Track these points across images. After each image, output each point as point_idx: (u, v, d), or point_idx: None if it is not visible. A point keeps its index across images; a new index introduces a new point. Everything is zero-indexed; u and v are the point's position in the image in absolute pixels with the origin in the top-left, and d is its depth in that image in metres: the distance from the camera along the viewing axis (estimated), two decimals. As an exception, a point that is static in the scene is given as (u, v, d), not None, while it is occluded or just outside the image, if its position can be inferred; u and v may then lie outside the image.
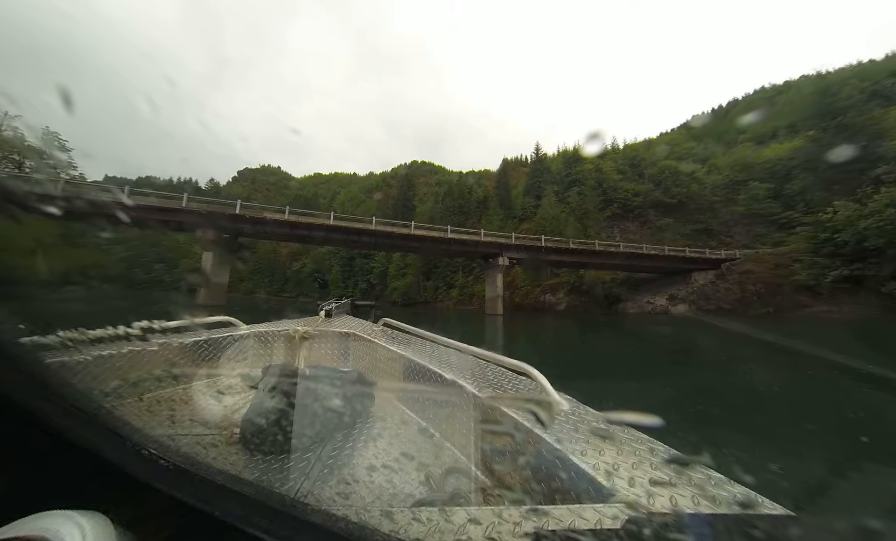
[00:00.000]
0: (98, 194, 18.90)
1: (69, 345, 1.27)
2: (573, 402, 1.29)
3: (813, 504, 2.49)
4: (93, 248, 18.23)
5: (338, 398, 1.56)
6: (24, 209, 0.84)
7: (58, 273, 6.41)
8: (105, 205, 2.11)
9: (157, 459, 0.55)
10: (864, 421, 4.89)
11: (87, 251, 17.95)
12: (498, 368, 1.64)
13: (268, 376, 1.55)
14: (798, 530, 0.55)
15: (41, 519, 0.44)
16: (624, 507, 0.67)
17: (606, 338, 18.45)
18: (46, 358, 1.13)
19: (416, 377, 1.81)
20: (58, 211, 1.08)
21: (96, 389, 1.39)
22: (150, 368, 1.71)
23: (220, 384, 2.00)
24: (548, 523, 0.60)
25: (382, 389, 1.90)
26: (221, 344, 2.18)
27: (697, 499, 0.73)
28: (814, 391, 6.71)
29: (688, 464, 0.85)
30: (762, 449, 3.90)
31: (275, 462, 1.26)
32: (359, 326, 2.68)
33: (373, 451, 1.42)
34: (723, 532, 0.52)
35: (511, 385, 1.47)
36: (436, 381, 1.65)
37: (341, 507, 0.60)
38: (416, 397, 1.80)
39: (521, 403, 1.28)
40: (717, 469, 0.83)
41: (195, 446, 1.35)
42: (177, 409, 1.62)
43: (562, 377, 1.53)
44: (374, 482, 1.22)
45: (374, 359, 2.26)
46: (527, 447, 1.07)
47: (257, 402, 1.42)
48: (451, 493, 1.17)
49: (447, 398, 1.56)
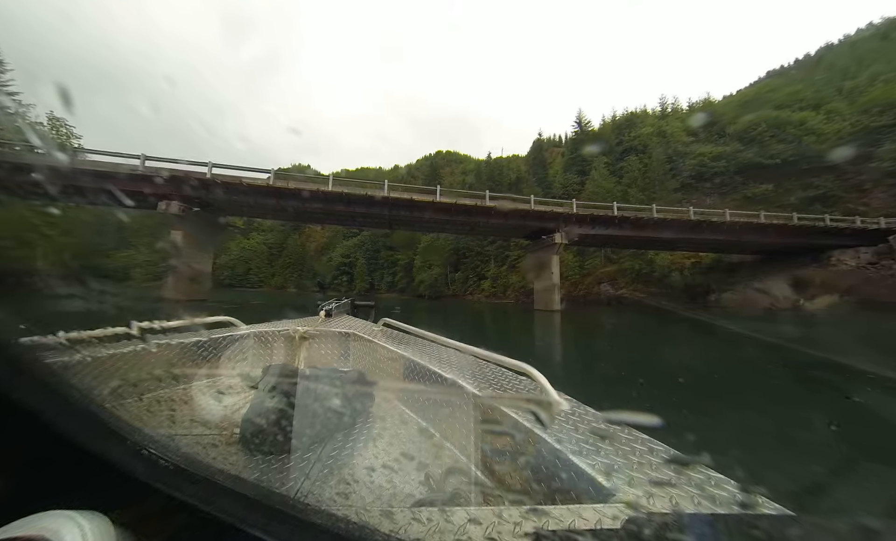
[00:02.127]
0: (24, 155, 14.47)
1: (69, 345, 1.27)
2: (573, 402, 1.29)
3: (813, 504, 2.48)
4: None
5: (338, 398, 1.56)
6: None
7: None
8: (29, 167, 1.77)
9: (157, 459, 0.55)
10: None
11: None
12: (498, 368, 1.64)
13: (268, 376, 1.54)
14: (798, 530, 0.55)
15: (41, 519, 0.44)
16: (624, 507, 0.67)
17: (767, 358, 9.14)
18: (46, 358, 1.13)
19: (416, 377, 1.81)
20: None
21: (96, 389, 1.39)
22: (150, 368, 1.71)
23: (220, 384, 2.00)
24: (548, 523, 0.60)
25: (382, 389, 1.90)
26: (221, 344, 2.18)
27: (697, 499, 0.73)
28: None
29: (688, 464, 0.85)
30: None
31: (275, 462, 1.26)
32: (359, 326, 2.68)
33: (373, 451, 1.42)
34: (723, 532, 0.52)
35: (511, 385, 1.47)
36: (436, 381, 1.66)
37: (341, 507, 0.60)
38: (416, 397, 1.80)
39: (521, 403, 1.28)
40: (717, 469, 0.83)
41: (195, 446, 1.35)
42: (177, 409, 1.62)
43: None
44: (374, 482, 1.22)
45: (374, 359, 2.26)
46: (527, 447, 1.07)
47: (257, 402, 1.42)
48: (451, 493, 1.17)
49: (447, 398, 1.56)
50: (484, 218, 25.72)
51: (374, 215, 25.79)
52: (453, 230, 34.97)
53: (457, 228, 30.55)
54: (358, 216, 26.30)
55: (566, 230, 25.48)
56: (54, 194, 1.74)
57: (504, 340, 14.05)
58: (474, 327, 18.12)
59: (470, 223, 27.44)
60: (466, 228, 30.69)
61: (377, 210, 24.18)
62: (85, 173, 16.99)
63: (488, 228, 30.03)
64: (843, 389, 6.01)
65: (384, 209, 24.08)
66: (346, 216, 26.75)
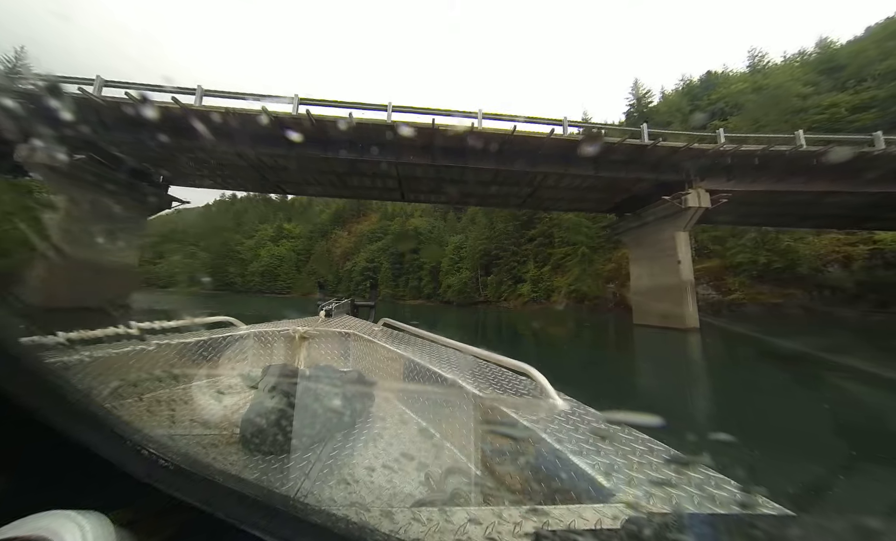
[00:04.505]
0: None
1: (69, 345, 1.28)
2: (573, 402, 1.29)
3: (813, 504, 2.48)
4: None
5: (338, 398, 1.56)
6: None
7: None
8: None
9: (157, 459, 0.55)
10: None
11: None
12: (498, 368, 1.64)
13: (268, 376, 1.55)
14: (798, 530, 0.56)
15: (41, 519, 0.44)
16: (624, 507, 0.67)
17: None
18: (46, 358, 1.13)
19: (416, 377, 1.81)
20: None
21: (96, 389, 1.39)
22: (150, 368, 1.71)
23: (220, 384, 2.00)
24: (548, 523, 0.60)
25: (382, 389, 1.91)
26: (221, 344, 2.18)
27: (697, 499, 0.73)
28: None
29: (688, 464, 0.85)
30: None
31: (275, 462, 1.26)
32: (359, 326, 2.68)
33: (373, 451, 1.42)
34: (723, 532, 0.52)
35: (511, 385, 1.47)
36: (436, 381, 1.66)
37: (341, 507, 0.60)
38: (416, 397, 1.80)
39: (521, 403, 1.28)
40: (717, 469, 0.83)
41: (195, 446, 1.35)
42: (177, 409, 1.62)
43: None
44: (374, 482, 1.22)
45: (374, 359, 2.26)
46: (527, 447, 1.07)
47: (257, 402, 1.42)
48: (451, 493, 1.17)
49: (447, 398, 1.56)
50: (561, 169, 14.79)
51: (367, 166, 15.24)
52: (496, 202, 21.72)
53: (502, 198, 19.04)
54: (342, 166, 15.38)
55: (705, 186, 14.52)
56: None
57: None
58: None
59: (535, 185, 16.36)
60: (517, 200, 19.25)
61: (376, 156, 14.45)
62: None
63: (557, 195, 18.19)
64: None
65: (390, 157, 14.32)
66: (318, 164, 15.55)
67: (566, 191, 17.72)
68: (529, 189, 17.48)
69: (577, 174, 15.16)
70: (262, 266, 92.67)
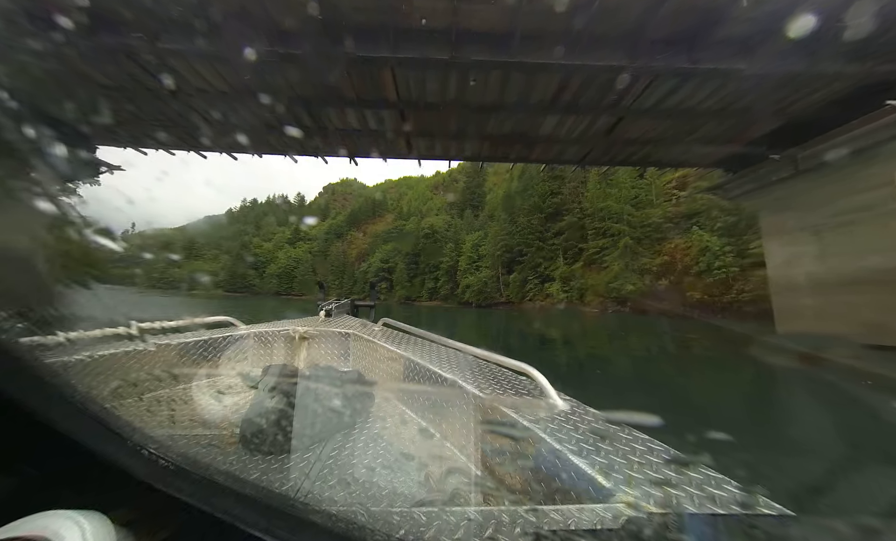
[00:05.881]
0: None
1: (69, 345, 1.28)
2: (573, 402, 1.29)
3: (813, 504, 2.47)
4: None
5: (338, 398, 1.56)
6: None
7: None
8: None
9: (157, 459, 0.55)
10: None
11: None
12: (498, 368, 1.64)
13: (268, 376, 1.55)
14: (798, 530, 0.56)
15: (41, 519, 0.44)
16: (624, 507, 0.67)
17: None
18: (46, 358, 1.13)
19: (416, 377, 1.81)
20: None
21: (96, 389, 1.39)
22: (150, 368, 1.71)
23: (220, 384, 2.00)
24: (548, 523, 0.60)
25: (382, 389, 1.91)
26: (221, 344, 2.18)
27: (697, 499, 0.73)
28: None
29: (688, 464, 0.85)
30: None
31: (275, 462, 1.27)
32: (359, 326, 2.68)
33: (373, 451, 1.42)
34: (723, 532, 0.52)
35: (511, 385, 1.47)
36: (436, 381, 1.65)
37: (341, 507, 0.60)
38: (416, 397, 1.80)
39: (521, 403, 1.28)
40: (717, 469, 0.83)
41: (195, 446, 1.35)
42: (177, 409, 1.62)
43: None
44: (374, 482, 1.22)
45: (374, 359, 2.26)
46: (527, 447, 1.07)
47: (257, 402, 1.42)
48: (451, 493, 1.17)
49: (447, 398, 1.56)
50: (688, 63, 6.85)
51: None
52: (550, 157, 12.88)
53: (562, 143, 11.13)
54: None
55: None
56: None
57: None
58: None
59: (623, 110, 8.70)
60: (581, 149, 11.58)
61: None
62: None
63: (654, 128, 9.90)
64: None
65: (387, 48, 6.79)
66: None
67: (679, 116, 9.17)
68: (612, 119, 9.53)
69: (711, 70, 7.14)
70: (279, 268, 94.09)
